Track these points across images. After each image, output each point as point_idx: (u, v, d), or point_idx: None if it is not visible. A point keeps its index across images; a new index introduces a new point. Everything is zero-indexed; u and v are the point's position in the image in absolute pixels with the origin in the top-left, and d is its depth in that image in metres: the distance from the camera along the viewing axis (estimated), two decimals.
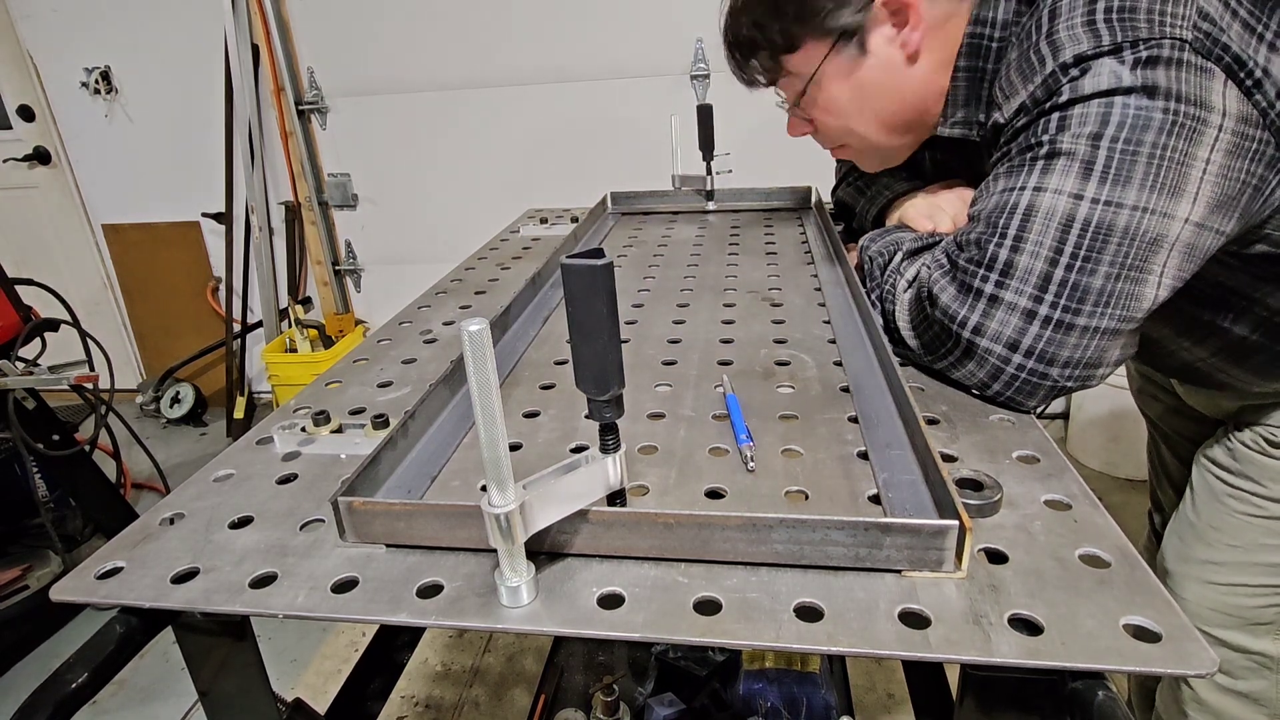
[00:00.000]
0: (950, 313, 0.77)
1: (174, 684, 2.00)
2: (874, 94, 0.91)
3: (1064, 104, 0.70)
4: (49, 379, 2.06)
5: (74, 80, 3.23)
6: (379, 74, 3.04)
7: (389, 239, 3.34)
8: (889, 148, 0.99)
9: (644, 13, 2.78)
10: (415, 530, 0.60)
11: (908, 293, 0.86)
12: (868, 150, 1.01)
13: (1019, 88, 0.74)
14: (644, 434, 0.78)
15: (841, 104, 0.93)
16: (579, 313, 0.53)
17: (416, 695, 1.94)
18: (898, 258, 0.90)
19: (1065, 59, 0.70)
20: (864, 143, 0.98)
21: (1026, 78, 0.73)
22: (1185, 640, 0.47)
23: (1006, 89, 0.77)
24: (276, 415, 0.87)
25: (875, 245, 0.96)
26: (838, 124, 0.96)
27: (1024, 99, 0.74)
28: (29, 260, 3.52)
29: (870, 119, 0.94)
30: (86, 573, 0.61)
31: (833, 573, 0.56)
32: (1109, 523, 0.60)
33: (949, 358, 0.81)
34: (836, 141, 1.02)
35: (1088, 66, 0.68)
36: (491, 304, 1.21)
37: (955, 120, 0.90)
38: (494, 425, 0.49)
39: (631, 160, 2.89)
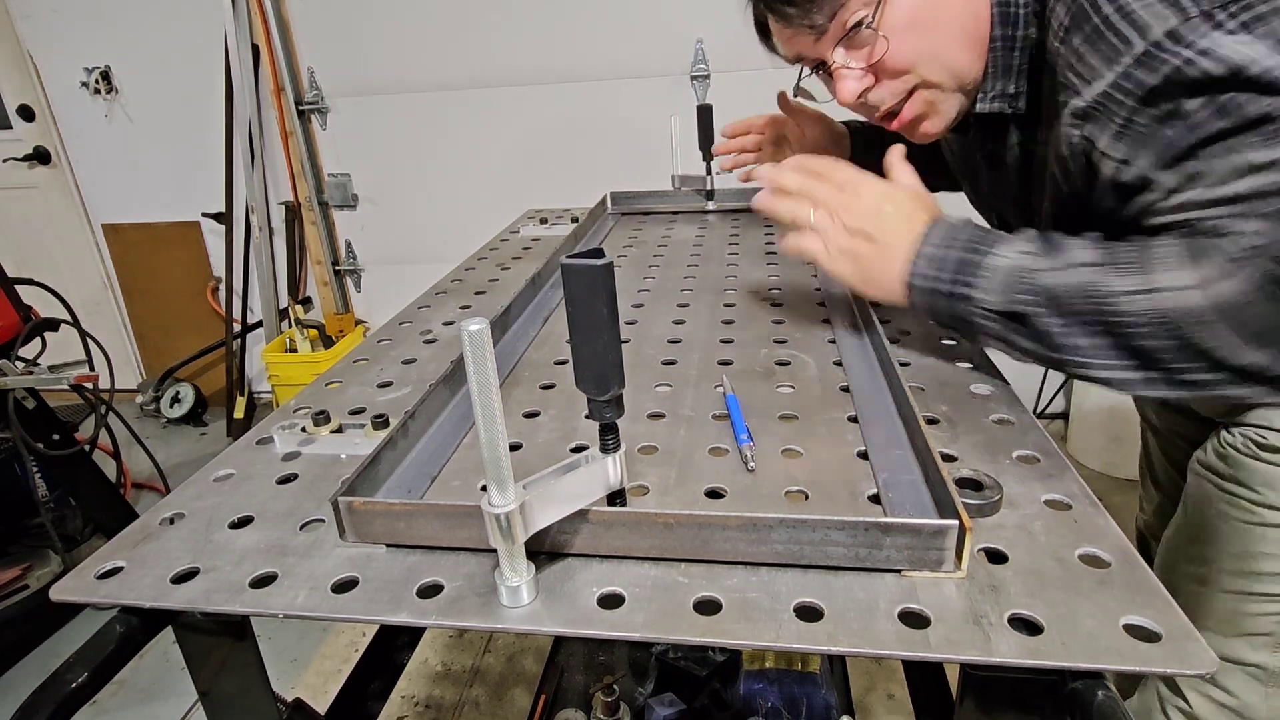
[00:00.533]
0: None
1: (174, 684, 2.00)
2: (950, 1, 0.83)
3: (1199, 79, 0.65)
4: (49, 379, 2.06)
5: (74, 80, 3.23)
6: (379, 74, 3.04)
7: (389, 239, 3.34)
8: (968, 76, 0.87)
9: (644, 13, 2.78)
10: (415, 530, 0.60)
11: (1233, 283, 0.65)
12: (948, 80, 0.87)
13: (1101, 70, 0.70)
14: (644, 434, 0.78)
15: (920, 13, 0.83)
16: (579, 313, 0.53)
17: (416, 695, 1.94)
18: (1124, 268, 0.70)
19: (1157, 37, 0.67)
20: (945, 68, 0.86)
21: (1109, 59, 0.69)
22: (1185, 640, 0.47)
23: (1084, 71, 0.72)
24: (276, 415, 0.87)
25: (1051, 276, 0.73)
26: (915, 44, 0.84)
27: (1114, 79, 0.70)
28: (29, 260, 3.52)
29: (951, 29, 0.84)
30: (86, 572, 0.61)
31: (833, 573, 0.56)
32: (1109, 523, 0.60)
33: None
34: (909, 79, 0.87)
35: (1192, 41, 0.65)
36: (491, 304, 1.21)
37: (994, 94, 0.87)
38: (494, 425, 0.49)
39: (631, 160, 2.89)
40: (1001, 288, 0.75)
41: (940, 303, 0.80)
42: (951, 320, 0.81)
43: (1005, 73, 0.86)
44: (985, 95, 0.88)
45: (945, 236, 0.80)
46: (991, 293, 0.76)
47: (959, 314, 0.79)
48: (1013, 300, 0.74)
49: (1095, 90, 0.71)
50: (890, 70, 0.86)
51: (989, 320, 0.77)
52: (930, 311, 0.82)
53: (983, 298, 0.76)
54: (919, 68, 0.86)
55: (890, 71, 0.86)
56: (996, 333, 0.77)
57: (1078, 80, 0.73)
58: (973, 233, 0.79)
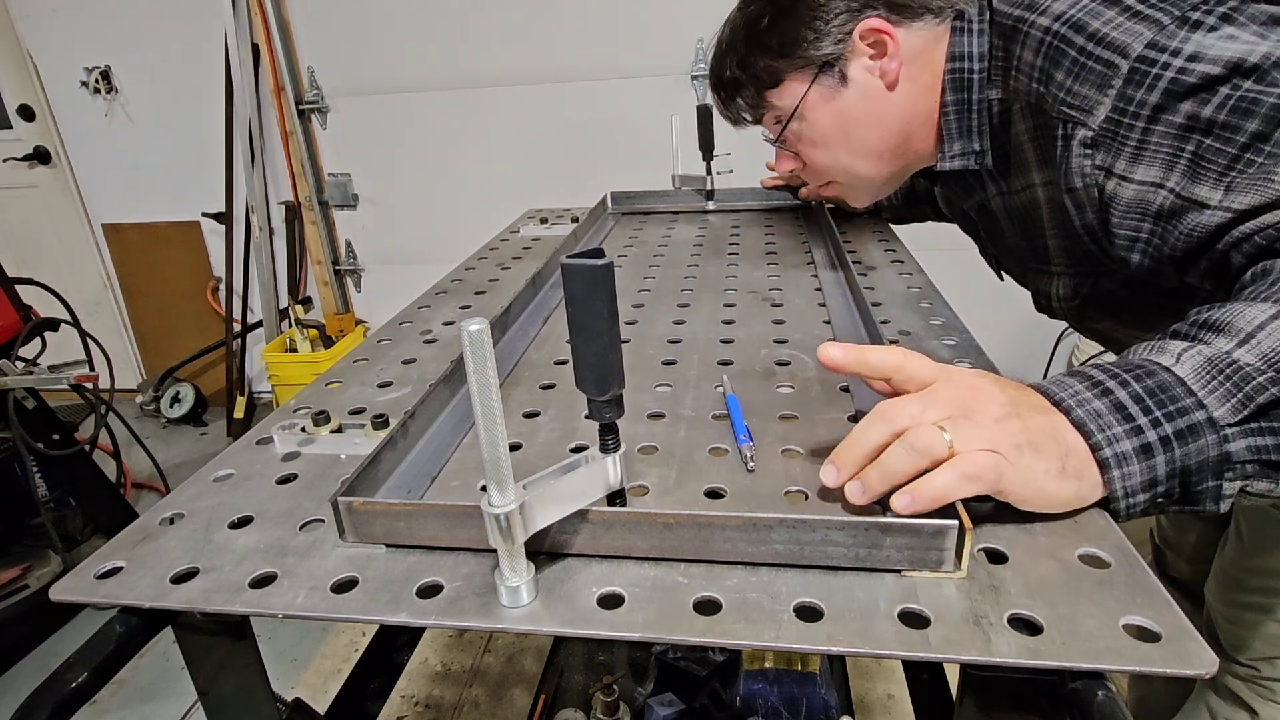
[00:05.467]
0: None
1: (174, 684, 2.00)
2: (857, 122, 0.92)
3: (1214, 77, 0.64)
4: (49, 379, 2.06)
5: (74, 80, 3.23)
6: (379, 74, 3.04)
7: (389, 239, 3.34)
8: (876, 179, 1.00)
9: (644, 13, 2.78)
10: (415, 530, 0.60)
11: None
12: (855, 182, 1.02)
13: (1096, 97, 0.71)
14: (644, 434, 0.78)
15: (827, 134, 0.95)
16: (579, 313, 0.53)
17: (416, 695, 1.94)
18: None
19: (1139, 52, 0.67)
20: (850, 174, 0.99)
21: (1100, 86, 0.70)
22: (1185, 640, 0.47)
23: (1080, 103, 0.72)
24: (276, 415, 0.87)
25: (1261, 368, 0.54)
26: (824, 155, 0.98)
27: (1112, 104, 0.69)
28: (29, 260, 3.52)
29: (856, 148, 0.95)
30: (86, 572, 0.61)
31: (833, 573, 0.56)
32: (1109, 523, 0.59)
33: None
34: (824, 176, 1.03)
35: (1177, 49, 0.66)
36: (491, 304, 1.21)
37: (954, 154, 0.91)
38: (494, 425, 0.49)
39: (631, 160, 2.89)
40: (1221, 393, 0.54)
41: (1163, 462, 0.54)
42: (1183, 479, 0.55)
43: (963, 134, 0.90)
44: (944, 155, 0.92)
45: (1081, 385, 0.58)
46: (1217, 402, 0.54)
47: (1196, 463, 0.54)
48: (1249, 397, 0.53)
49: (1098, 117, 0.71)
50: (808, 170, 1.04)
51: (1240, 441, 0.53)
52: (1150, 486, 0.55)
53: (1217, 414, 0.53)
54: (829, 174, 1.02)
55: (808, 170, 1.04)
56: (1250, 458, 0.54)
57: (1076, 112, 0.73)
58: (1108, 369, 0.58)
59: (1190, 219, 0.67)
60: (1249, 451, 0.53)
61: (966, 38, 0.84)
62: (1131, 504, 0.56)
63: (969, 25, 0.84)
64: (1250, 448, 0.53)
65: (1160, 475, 0.54)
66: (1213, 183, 0.65)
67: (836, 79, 0.90)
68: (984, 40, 0.84)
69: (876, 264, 1.27)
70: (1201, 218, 0.66)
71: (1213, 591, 1.09)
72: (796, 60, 0.90)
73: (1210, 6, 0.66)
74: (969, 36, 0.84)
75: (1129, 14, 0.69)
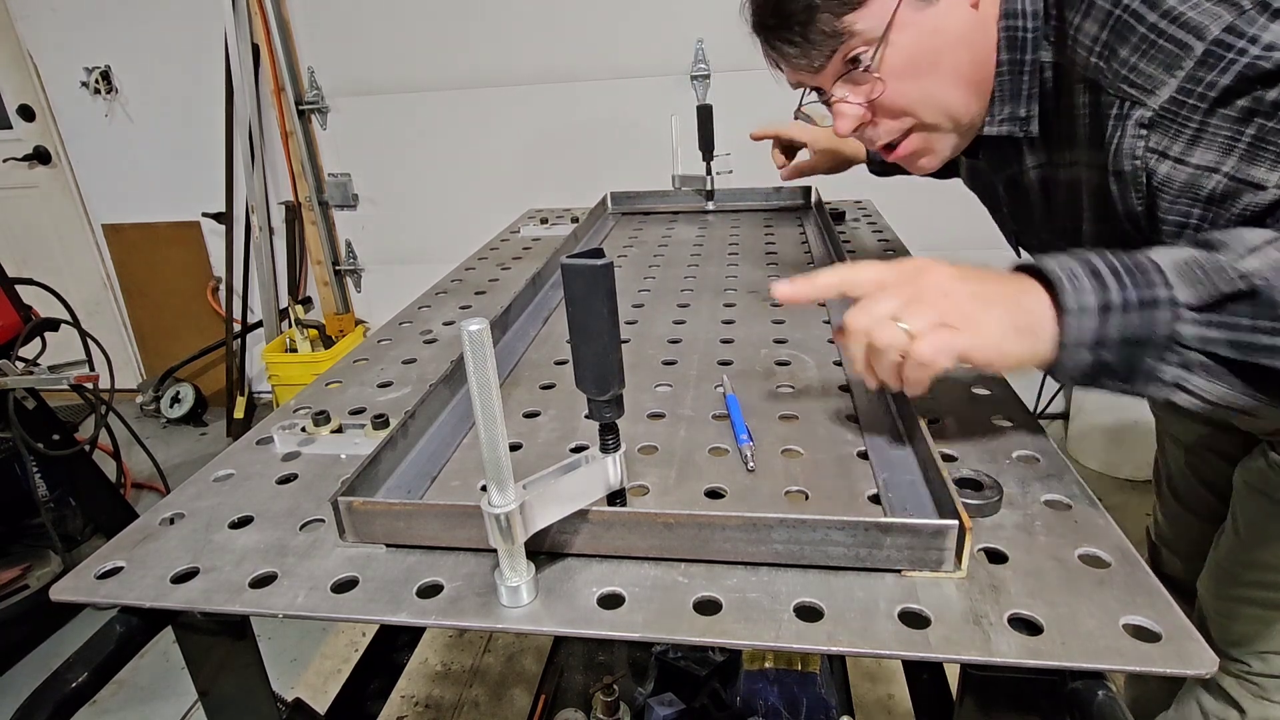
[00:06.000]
0: None
1: (174, 684, 2.00)
2: (950, 42, 0.82)
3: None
4: (49, 379, 2.06)
5: (74, 80, 3.23)
6: (379, 74, 3.04)
7: (389, 239, 3.34)
8: (964, 116, 0.86)
9: (644, 13, 2.78)
10: (415, 530, 0.60)
11: None
12: (942, 121, 0.87)
13: (1162, 77, 0.68)
14: (644, 434, 0.78)
15: (917, 58, 0.82)
16: (579, 313, 0.53)
17: (416, 695, 1.93)
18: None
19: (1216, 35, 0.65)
20: (940, 108, 0.85)
21: (1168, 66, 0.67)
22: (1185, 640, 0.47)
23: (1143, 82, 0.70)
24: (276, 415, 0.87)
25: None
26: (912, 87, 0.83)
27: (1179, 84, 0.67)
28: (29, 260, 3.52)
29: (948, 73, 0.83)
30: (86, 572, 0.61)
31: (833, 573, 0.56)
32: (1109, 523, 0.60)
33: None
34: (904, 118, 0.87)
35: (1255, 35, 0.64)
36: (491, 304, 1.21)
37: (1002, 117, 0.85)
38: (494, 425, 0.49)
39: (631, 160, 2.89)
40: (1191, 279, 0.59)
41: (1116, 324, 0.60)
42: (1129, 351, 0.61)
43: (1013, 97, 0.83)
44: (993, 119, 0.85)
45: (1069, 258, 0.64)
46: (1184, 287, 0.59)
47: (1144, 334, 0.60)
48: (1214, 286, 0.59)
49: (1161, 98, 0.68)
50: (887, 111, 0.86)
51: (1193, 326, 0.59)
52: (1096, 345, 0.61)
53: (1180, 295, 0.59)
54: (916, 110, 0.85)
55: (887, 111, 0.86)
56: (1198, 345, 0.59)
57: (1136, 92, 0.70)
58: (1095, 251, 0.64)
59: (1244, 200, 0.67)
60: (1197, 341, 0.59)
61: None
62: (1075, 358, 0.61)
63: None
64: (1199, 337, 0.59)
65: (1110, 337, 0.60)
66: (1270, 164, 0.65)
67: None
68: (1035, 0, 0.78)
69: None
70: (1256, 198, 0.66)
71: (1206, 586, 1.08)
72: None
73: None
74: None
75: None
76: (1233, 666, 1.05)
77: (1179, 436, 1.23)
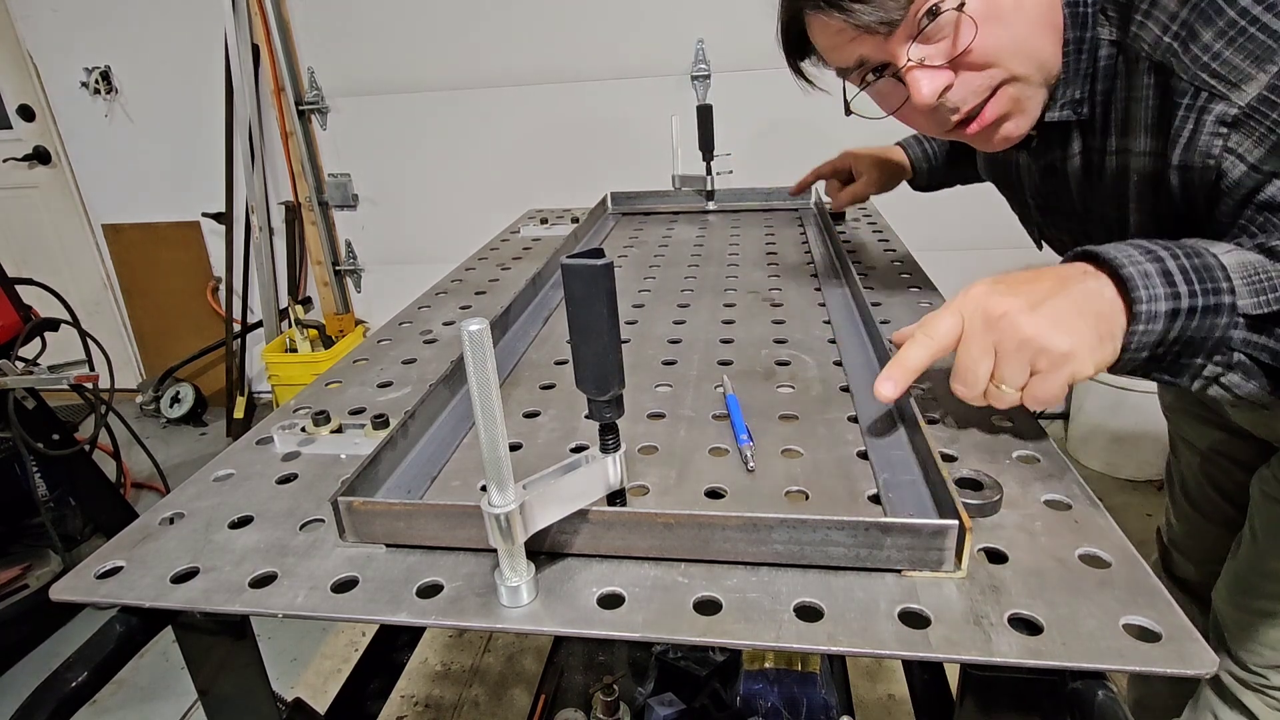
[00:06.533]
0: None
1: (174, 684, 2.00)
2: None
3: None
4: (49, 379, 2.06)
5: (74, 80, 3.23)
6: (379, 74, 3.04)
7: (389, 239, 3.34)
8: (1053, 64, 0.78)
9: (644, 13, 2.78)
10: (415, 530, 0.60)
11: None
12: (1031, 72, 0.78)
13: (1250, 71, 0.63)
14: (644, 434, 0.78)
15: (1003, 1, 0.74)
16: (579, 313, 0.53)
17: (416, 695, 1.93)
18: None
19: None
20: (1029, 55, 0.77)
21: (1259, 59, 0.62)
22: (1185, 640, 0.47)
23: (1227, 73, 0.64)
24: (276, 415, 0.87)
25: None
26: (1001, 32, 0.75)
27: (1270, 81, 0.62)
28: (29, 260, 3.52)
29: (1032, 16, 0.75)
30: (86, 572, 0.61)
31: (833, 573, 0.56)
32: (1109, 523, 0.60)
33: None
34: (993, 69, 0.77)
35: None
36: (491, 304, 1.21)
37: (1065, 100, 0.79)
38: (494, 425, 0.49)
39: (631, 160, 2.89)
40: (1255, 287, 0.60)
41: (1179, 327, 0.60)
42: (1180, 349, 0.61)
43: (1075, 77, 0.78)
44: (1055, 102, 0.80)
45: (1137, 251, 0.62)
46: (1247, 294, 0.59)
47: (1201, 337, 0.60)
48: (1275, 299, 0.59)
49: (1248, 94, 0.63)
50: (974, 63, 0.75)
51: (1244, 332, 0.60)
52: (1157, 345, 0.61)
53: (1242, 303, 0.59)
54: (1004, 60, 0.76)
55: (974, 64, 0.76)
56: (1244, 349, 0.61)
57: (1218, 83, 0.64)
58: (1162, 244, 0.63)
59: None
60: (1244, 345, 0.60)
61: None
62: (1134, 358, 0.62)
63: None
64: (1246, 340, 0.60)
65: (1170, 338, 0.61)
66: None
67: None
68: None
69: (876, 264, 1.28)
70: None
71: (1222, 595, 1.06)
72: None
73: None
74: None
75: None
76: (1251, 679, 1.02)
77: (1193, 441, 1.20)
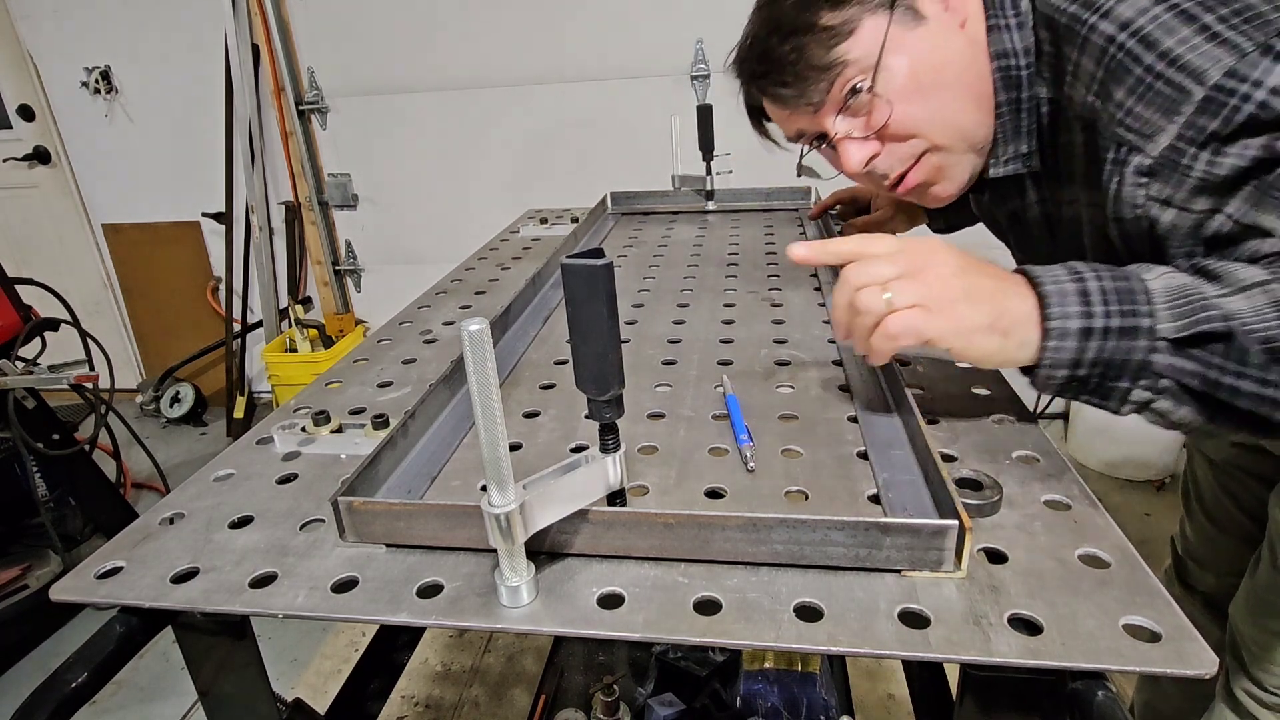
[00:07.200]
0: None
1: (174, 684, 2.00)
2: (949, 58, 0.80)
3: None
4: (49, 379, 2.06)
5: (74, 80, 3.23)
6: (379, 74, 3.04)
7: (389, 239, 3.34)
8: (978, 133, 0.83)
9: (644, 13, 2.77)
10: (415, 530, 0.60)
11: None
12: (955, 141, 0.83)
13: (1160, 123, 0.66)
14: (644, 434, 0.78)
15: (919, 74, 0.80)
16: (579, 313, 0.53)
17: (416, 695, 1.93)
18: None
19: (1217, 80, 0.63)
20: (950, 126, 0.82)
21: (1167, 111, 0.65)
22: (1185, 640, 0.47)
23: (1140, 126, 0.68)
24: (276, 415, 0.87)
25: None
26: (919, 107, 0.80)
27: (1178, 131, 0.65)
28: (29, 260, 3.52)
29: (952, 89, 0.81)
30: (86, 572, 0.61)
31: (833, 573, 0.56)
32: (1109, 523, 0.60)
33: None
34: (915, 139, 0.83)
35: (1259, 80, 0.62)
36: (491, 304, 1.21)
37: (1007, 157, 0.84)
38: (494, 425, 0.49)
39: (631, 160, 2.89)
40: (1177, 311, 0.60)
41: (1094, 348, 0.61)
42: (1103, 370, 0.62)
43: (1015, 135, 0.82)
44: (998, 160, 0.84)
45: (1062, 271, 0.64)
46: (1167, 317, 0.60)
47: (1120, 359, 0.61)
48: (1196, 322, 0.59)
49: (1160, 145, 0.66)
50: (896, 134, 0.82)
51: (1167, 356, 0.60)
52: (1074, 365, 0.62)
53: (1161, 326, 0.60)
54: (925, 130, 0.82)
55: (896, 136, 0.82)
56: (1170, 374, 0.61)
57: (1134, 136, 0.68)
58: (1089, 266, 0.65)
59: (1250, 246, 0.65)
60: (1169, 370, 0.60)
61: (1006, 34, 0.79)
62: (1051, 375, 0.63)
63: (1005, 21, 0.79)
64: (1171, 366, 0.60)
65: (1087, 358, 0.62)
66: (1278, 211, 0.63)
67: (911, 16, 0.79)
68: (1025, 34, 0.78)
69: None
70: (1263, 245, 0.64)
71: (1241, 614, 1.05)
72: (865, 3, 0.79)
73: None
74: (1008, 33, 0.79)
75: (1206, 35, 0.64)
76: (1269, 699, 1.02)
77: (1208, 453, 1.20)
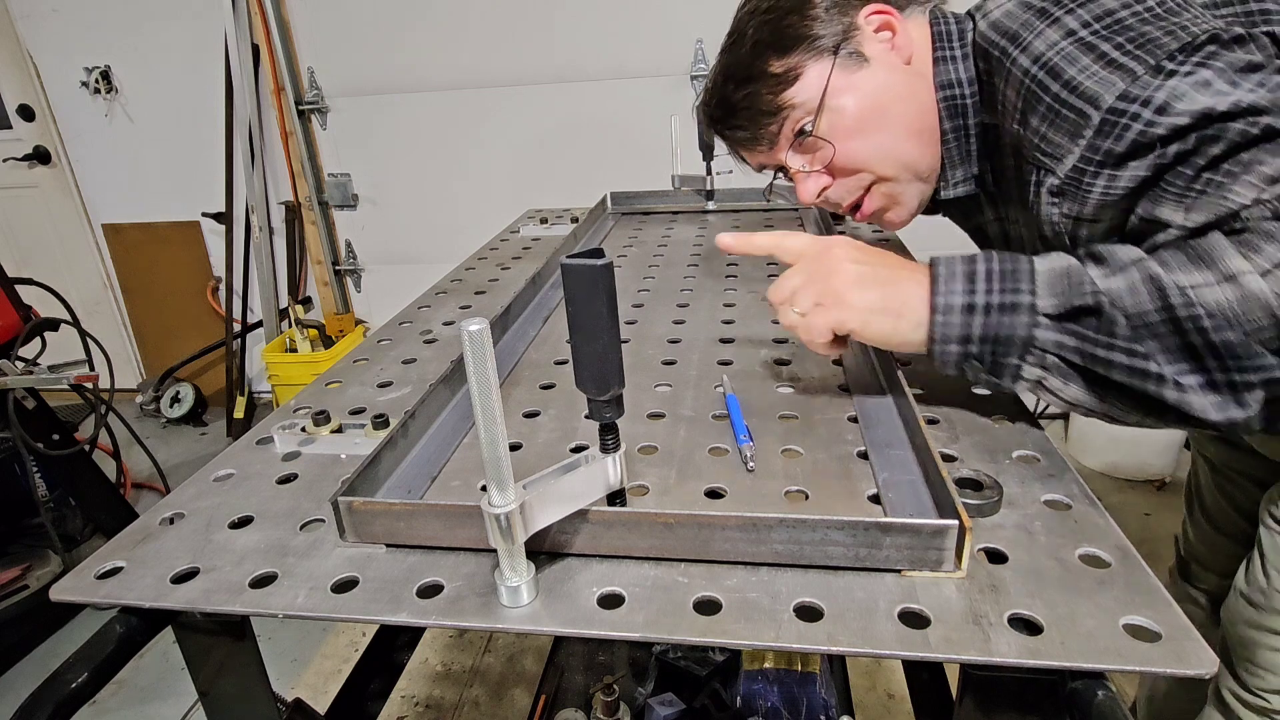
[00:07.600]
0: None
1: (174, 684, 2.00)
2: (891, 97, 0.86)
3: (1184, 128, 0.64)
4: (49, 379, 2.06)
5: (74, 80, 3.23)
6: (379, 74, 3.04)
7: (389, 239, 3.34)
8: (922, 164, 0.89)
9: (644, 13, 2.78)
10: (415, 530, 0.60)
11: None
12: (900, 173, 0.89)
13: (1067, 146, 0.71)
14: (644, 434, 0.78)
15: (862, 115, 0.86)
16: (579, 313, 0.53)
17: (416, 695, 1.93)
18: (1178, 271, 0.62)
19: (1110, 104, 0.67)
20: (894, 160, 0.88)
21: (1071, 135, 0.70)
22: (1184, 640, 0.47)
23: (1052, 150, 0.73)
24: (276, 415, 0.87)
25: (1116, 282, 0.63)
26: (862, 145, 0.87)
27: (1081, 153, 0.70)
28: (29, 260, 3.52)
29: (895, 124, 0.87)
30: (86, 572, 0.61)
31: (833, 572, 0.56)
32: (1109, 523, 0.60)
33: None
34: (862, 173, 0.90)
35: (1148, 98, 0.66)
36: (491, 304, 1.21)
37: (957, 180, 0.90)
38: (494, 425, 0.49)
39: (631, 160, 2.89)
40: (1056, 290, 0.65)
41: (979, 323, 0.67)
42: (993, 347, 0.67)
43: (964, 159, 0.88)
44: (948, 184, 0.90)
45: (960, 259, 0.70)
46: (1047, 295, 0.65)
47: (1005, 334, 0.66)
48: (1071, 298, 0.64)
49: (1066, 166, 0.72)
50: (844, 169, 0.90)
51: (1048, 331, 0.65)
52: (963, 341, 0.68)
53: (1041, 303, 0.65)
54: (870, 165, 0.89)
55: (844, 170, 0.90)
56: (1053, 349, 0.65)
57: (1048, 160, 0.74)
58: (987, 253, 0.70)
59: (1155, 237, 0.69)
60: (1052, 345, 0.65)
61: (951, 65, 0.84)
62: (944, 351, 0.69)
63: (951, 52, 0.85)
64: (1054, 342, 0.65)
65: (974, 334, 0.67)
66: (1173, 205, 0.67)
67: (855, 59, 0.85)
68: (969, 65, 0.84)
69: None
70: (1165, 235, 0.68)
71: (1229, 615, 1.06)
72: (810, 50, 0.86)
73: (1187, 54, 0.65)
74: (953, 64, 0.84)
75: (1104, 62, 0.68)
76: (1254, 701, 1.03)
77: (1209, 456, 1.21)
